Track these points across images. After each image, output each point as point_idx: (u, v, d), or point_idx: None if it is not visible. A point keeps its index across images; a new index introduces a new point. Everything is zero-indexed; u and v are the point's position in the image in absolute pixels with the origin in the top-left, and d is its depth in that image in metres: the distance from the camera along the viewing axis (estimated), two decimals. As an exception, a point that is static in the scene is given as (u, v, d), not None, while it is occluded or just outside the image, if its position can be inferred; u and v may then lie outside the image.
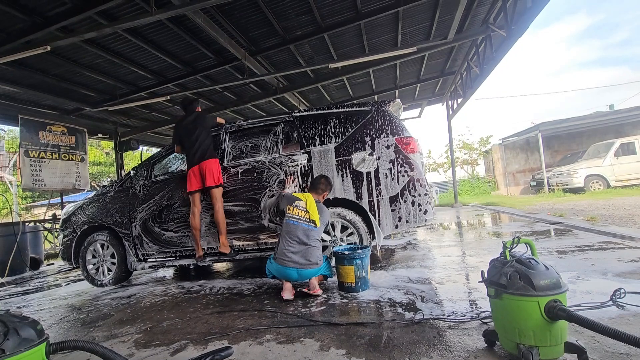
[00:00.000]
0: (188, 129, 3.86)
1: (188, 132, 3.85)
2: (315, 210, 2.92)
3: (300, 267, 2.78)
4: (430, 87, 11.44)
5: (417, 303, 2.39)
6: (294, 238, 2.84)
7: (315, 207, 2.94)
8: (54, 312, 3.25)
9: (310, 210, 2.91)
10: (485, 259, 3.34)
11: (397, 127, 3.46)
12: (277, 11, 5.30)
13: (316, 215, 2.90)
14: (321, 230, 2.98)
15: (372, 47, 7.11)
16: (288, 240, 2.86)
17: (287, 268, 2.80)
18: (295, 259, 2.79)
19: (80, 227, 4.25)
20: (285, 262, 2.80)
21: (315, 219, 2.89)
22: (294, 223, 2.90)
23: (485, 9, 6.57)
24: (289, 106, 10.11)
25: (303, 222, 2.90)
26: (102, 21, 4.72)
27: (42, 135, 7.44)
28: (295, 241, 2.84)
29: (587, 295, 2.21)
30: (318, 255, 2.87)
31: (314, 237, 2.87)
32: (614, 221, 5.29)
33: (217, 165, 3.74)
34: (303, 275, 2.80)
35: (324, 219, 2.97)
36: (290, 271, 2.80)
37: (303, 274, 2.80)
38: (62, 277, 5.48)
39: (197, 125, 3.86)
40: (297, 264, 2.78)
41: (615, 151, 11.48)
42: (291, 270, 2.79)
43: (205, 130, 3.87)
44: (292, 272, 2.79)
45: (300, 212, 2.93)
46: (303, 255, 2.80)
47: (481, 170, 21.40)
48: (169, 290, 3.62)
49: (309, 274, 2.81)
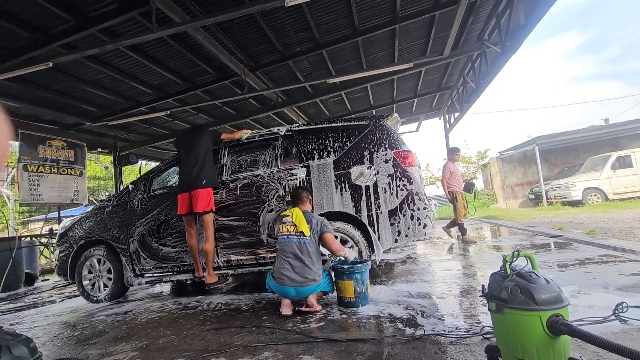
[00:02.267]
0: (187, 145, 3.70)
1: (187, 149, 3.67)
2: (303, 220, 2.87)
3: (298, 285, 2.73)
4: (428, 101, 11.58)
5: (418, 318, 2.35)
6: (288, 255, 2.81)
7: (302, 217, 2.89)
8: (48, 329, 3.19)
9: (297, 222, 2.87)
10: (486, 272, 3.31)
11: (395, 141, 3.49)
12: (276, 28, 5.41)
13: (304, 225, 2.84)
14: (314, 240, 2.85)
15: (369, 62, 7.23)
16: (283, 258, 2.83)
17: (284, 287, 2.76)
18: (292, 276, 2.74)
19: (77, 242, 4.21)
20: (282, 280, 2.76)
21: (303, 229, 2.83)
22: (285, 240, 2.88)
23: (480, 26, 6.72)
24: (287, 121, 10.20)
25: (293, 236, 2.85)
26: (104, 38, 4.80)
27: (42, 150, 7.46)
28: (290, 258, 2.80)
29: (589, 309, 2.19)
30: (315, 271, 2.78)
31: (308, 250, 2.79)
32: (613, 234, 5.27)
33: (209, 193, 3.55)
34: (301, 292, 2.75)
35: (313, 227, 2.87)
36: (288, 289, 2.76)
37: (301, 292, 2.75)
38: (57, 293, 5.39)
39: (195, 141, 3.65)
40: (294, 281, 2.73)
41: (612, 164, 11.55)
42: (289, 289, 2.75)
43: (204, 149, 3.65)
44: (290, 290, 2.75)
45: (289, 227, 2.90)
46: (299, 272, 2.74)
47: (480, 183, 21.44)
48: (166, 306, 3.57)
49: (306, 292, 2.75)
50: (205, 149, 3.69)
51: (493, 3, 5.84)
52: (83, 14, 4.32)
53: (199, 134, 3.79)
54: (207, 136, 3.80)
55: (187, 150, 3.73)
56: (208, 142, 3.76)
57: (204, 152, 3.67)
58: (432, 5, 5.59)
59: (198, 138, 3.75)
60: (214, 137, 3.86)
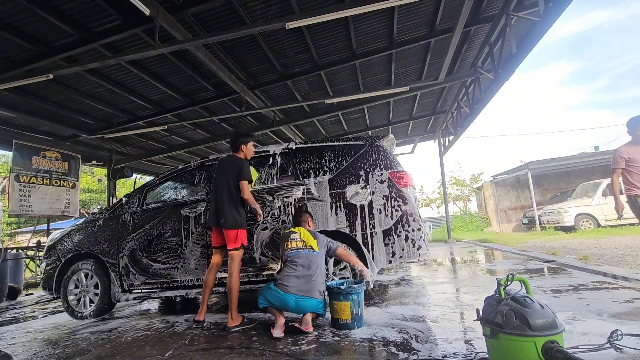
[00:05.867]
0: (218, 174, 3.26)
1: (216, 179, 3.25)
2: (310, 237, 3.00)
3: (301, 294, 2.71)
4: (423, 124, 11.79)
5: (412, 343, 2.31)
6: (298, 265, 2.84)
7: (309, 235, 3.02)
8: (28, 346, 3.06)
9: (305, 239, 2.98)
10: (480, 296, 3.28)
11: (391, 161, 3.52)
12: (276, 49, 5.54)
13: (312, 241, 2.97)
14: (322, 255, 2.97)
15: (366, 85, 7.39)
16: (291, 267, 2.85)
17: (286, 295, 2.72)
18: (298, 284, 2.74)
19: (65, 255, 4.11)
20: (286, 287, 2.74)
21: (312, 244, 2.94)
22: (295, 253, 2.91)
23: (474, 54, 6.95)
24: (284, 138, 10.28)
25: (303, 250, 2.92)
26: (106, 52, 4.87)
27: (35, 161, 7.40)
28: (299, 267, 2.82)
29: (584, 336, 2.17)
30: (321, 285, 2.82)
31: (316, 263, 2.86)
32: (606, 260, 5.29)
33: (237, 232, 3.13)
34: (300, 305, 2.72)
35: (321, 242, 3.02)
36: (289, 298, 2.71)
37: (300, 305, 2.72)
38: (41, 309, 5.21)
39: (226, 175, 3.19)
40: (299, 289, 2.72)
41: (603, 191, 11.72)
42: (289, 297, 2.71)
43: (232, 185, 3.15)
44: (290, 299, 2.71)
45: (298, 243, 2.97)
46: (306, 282, 2.76)
47: (473, 206, 21.55)
48: (153, 325, 3.46)
49: (306, 306, 2.72)
50: (230, 186, 3.17)
51: (486, 32, 6.07)
52: (87, 29, 4.40)
53: (231, 163, 3.25)
54: (235, 169, 3.19)
55: (217, 180, 3.27)
56: (233, 176, 3.18)
57: (228, 189, 3.17)
58: (428, 33, 5.79)
59: (227, 168, 3.24)
60: (239, 175, 3.17)
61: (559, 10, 4.32)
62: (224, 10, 4.45)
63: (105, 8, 4.07)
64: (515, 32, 5.70)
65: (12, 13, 4.05)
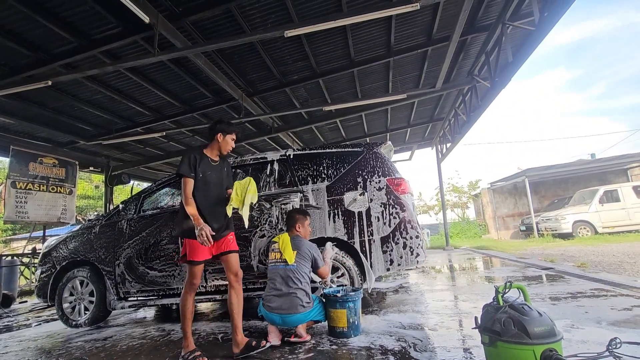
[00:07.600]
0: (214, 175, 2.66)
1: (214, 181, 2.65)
2: (289, 247, 2.80)
3: (283, 313, 2.64)
4: (420, 131, 11.85)
5: (411, 351, 2.29)
6: (274, 283, 2.75)
7: (289, 244, 2.82)
8: (21, 355, 3.01)
9: (282, 249, 2.81)
10: (478, 304, 3.27)
11: (389, 168, 3.53)
12: (275, 57, 5.58)
13: (289, 252, 2.77)
14: (303, 265, 2.76)
15: (364, 92, 7.44)
16: (270, 285, 2.79)
17: (271, 314, 2.69)
18: (278, 303, 2.67)
19: (60, 262, 4.07)
20: (270, 307, 2.70)
21: (287, 257, 2.75)
22: (272, 268, 2.84)
23: (471, 62, 7.02)
24: (283, 145, 10.30)
25: (279, 263, 2.80)
26: (105, 59, 4.89)
27: (32, 167, 7.37)
28: (276, 285, 2.74)
29: (583, 344, 2.15)
30: (301, 298, 2.66)
31: (294, 277, 2.69)
32: (604, 267, 5.29)
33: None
34: (287, 321, 2.66)
35: (303, 252, 2.78)
36: (274, 317, 2.68)
37: (286, 320, 2.65)
38: (34, 316, 5.14)
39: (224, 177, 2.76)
40: (280, 309, 2.65)
41: (600, 198, 11.76)
42: (275, 316, 2.68)
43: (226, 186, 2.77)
44: (276, 317, 2.68)
45: (276, 254, 2.85)
46: (285, 300, 2.67)
47: (471, 213, 21.57)
48: (148, 333, 3.42)
49: (292, 321, 2.65)
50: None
51: (482, 41, 6.14)
52: (86, 36, 4.43)
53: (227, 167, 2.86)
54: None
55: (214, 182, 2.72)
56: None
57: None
58: (425, 41, 5.85)
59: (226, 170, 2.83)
60: None
61: (554, 20, 4.38)
62: (224, 19, 4.49)
63: (105, 15, 4.10)
64: (511, 41, 5.78)
65: (13, 20, 4.07)
